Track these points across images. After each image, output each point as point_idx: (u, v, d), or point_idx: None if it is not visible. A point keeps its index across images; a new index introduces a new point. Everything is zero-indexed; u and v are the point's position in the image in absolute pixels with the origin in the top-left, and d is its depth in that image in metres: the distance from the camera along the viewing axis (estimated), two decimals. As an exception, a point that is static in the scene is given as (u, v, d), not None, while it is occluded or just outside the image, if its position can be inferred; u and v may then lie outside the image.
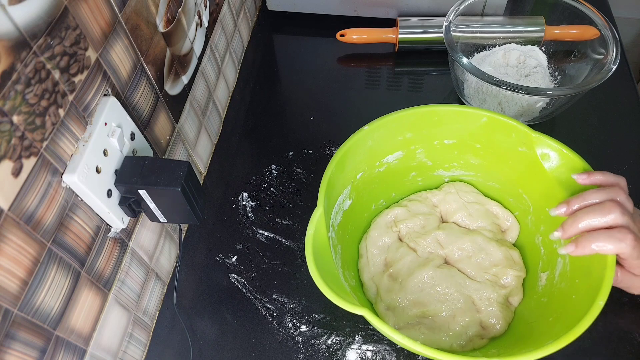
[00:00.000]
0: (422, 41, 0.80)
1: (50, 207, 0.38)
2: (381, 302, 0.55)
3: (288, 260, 0.62)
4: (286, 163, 0.70)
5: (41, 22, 0.36)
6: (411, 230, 0.59)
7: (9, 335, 0.35)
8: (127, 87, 0.48)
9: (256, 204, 0.67)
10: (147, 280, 0.55)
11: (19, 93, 0.34)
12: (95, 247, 0.45)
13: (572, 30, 0.72)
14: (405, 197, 0.63)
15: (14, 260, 0.35)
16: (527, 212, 0.58)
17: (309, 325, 0.57)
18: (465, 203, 0.60)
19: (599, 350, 0.54)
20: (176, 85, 0.59)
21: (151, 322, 0.58)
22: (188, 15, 0.60)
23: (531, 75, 0.71)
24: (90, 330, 0.45)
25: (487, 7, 0.75)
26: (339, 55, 0.83)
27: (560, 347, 0.40)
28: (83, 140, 0.41)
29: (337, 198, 0.54)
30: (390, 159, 0.59)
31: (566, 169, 0.51)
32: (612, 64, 0.62)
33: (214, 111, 0.72)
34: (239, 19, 0.81)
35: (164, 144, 0.57)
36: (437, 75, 0.80)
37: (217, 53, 0.71)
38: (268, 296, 0.59)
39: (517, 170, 0.56)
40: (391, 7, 0.82)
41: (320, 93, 0.79)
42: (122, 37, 0.46)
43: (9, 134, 0.34)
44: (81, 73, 0.41)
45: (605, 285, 0.42)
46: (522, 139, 0.53)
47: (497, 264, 0.55)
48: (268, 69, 0.83)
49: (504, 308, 0.53)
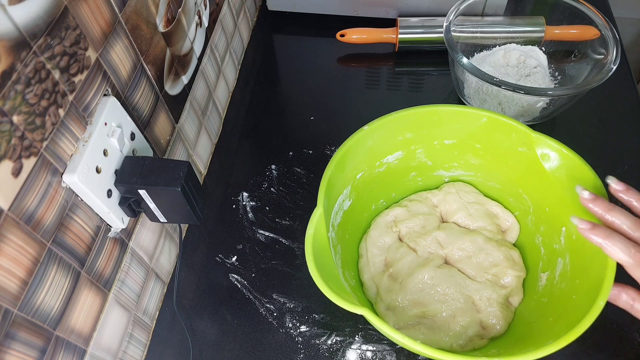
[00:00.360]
0: (422, 41, 0.80)
1: (50, 207, 0.38)
2: (381, 302, 0.55)
3: (288, 260, 0.62)
4: (286, 163, 0.70)
5: (41, 22, 0.36)
6: (411, 231, 0.59)
7: (9, 335, 0.35)
8: (127, 87, 0.48)
9: (256, 204, 0.67)
10: (147, 280, 0.55)
11: (19, 93, 0.34)
12: (95, 247, 0.45)
13: (572, 30, 0.72)
14: (405, 197, 0.63)
15: (14, 260, 0.35)
16: (527, 212, 0.58)
17: (309, 325, 0.57)
18: (465, 203, 0.60)
19: (599, 350, 0.54)
20: (176, 85, 0.59)
21: (151, 322, 0.58)
22: (188, 15, 0.60)
23: (531, 75, 0.71)
24: (90, 330, 0.45)
25: (487, 7, 0.75)
26: (339, 55, 0.83)
27: (560, 347, 0.40)
28: (83, 140, 0.41)
29: (337, 198, 0.54)
30: (390, 159, 0.59)
31: (566, 169, 0.51)
32: (612, 64, 0.62)
33: (214, 111, 0.72)
34: (239, 19, 0.81)
35: (164, 144, 0.57)
36: (437, 75, 0.80)
37: (217, 53, 0.71)
38: (268, 296, 0.59)
39: (517, 170, 0.56)
40: (391, 7, 0.82)
41: (320, 93, 0.79)
42: (122, 37, 0.46)
43: (9, 134, 0.34)
44: (81, 73, 0.41)
45: (605, 286, 0.42)
46: (522, 139, 0.53)
47: (497, 264, 0.55)
48: (268, 69, 0.83)
49: (504, 308, 0.53)
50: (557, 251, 0.52)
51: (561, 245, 0.52)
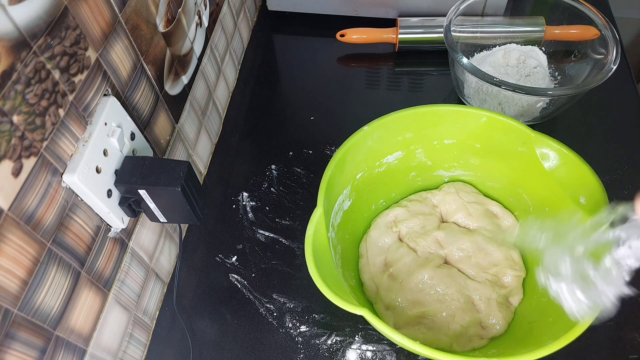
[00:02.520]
0: (422, 41, 0.80)
1: (50, 207, 0.38)
2: (381, 302, 0.55)
3: (288, 260, 0.62)
4: (286, 163, 0.70)
5: (41, 22, 0.36)
6: (411, 231, 0.59)
7: (9, 335, 0.35)
8: (127, 87, 0.48)
9: (256, 204, 0.67)
10: (147, 280, 0.55)
11: (19, 93, 0.34)
12: (95, 247, 0.45)
13: (572, 30, 0.72)
14: (405, 197, 0.63)
15: (14, 260, 0.35)
16: (527, 212, 0.58)
17: (309, 325, 0.57)
18: (465, 203, 0.60)
19: (599, 350, 0.54)
20: (176, 85, 0.59)
21: (151, 322, 0.58)
22: (188, 15, 0.60)
23: (531, 75, 0.71)
24: (90, 330, 0.45)
25: (487, 7, 0.76)
26: (339, 55, 0.83)
27: (560, 347, 0.40)
28: (83, 140, 0.41)
29: (337, 198, 0.54)
30: (390, 159, 0.59)
31: (566, 169, 0.51)
32: (612, 64, 0.62)
33: (214, 111, 0.72)
34: (239, 19, 0.81)
35: (164, 144, 0.57)
36: (437, 75, 0.80)
37: (217, 53, 0.71)
38: (268, 296, 0.59)
39: (517, 170, 0.56)
40: (391, 7, 0.82)
41: (320, 93, 0.79)
42: (122, 37, 0.46)
43: (9, 134, 0.34)
44: (81, 73, 0.41)
45: (605, 285, 0.42)
46: (522, 139, 0.53)
47: (497, 264, 0.56)
48: (268, 69, 0.83)
49: (504, 308, 0.53)
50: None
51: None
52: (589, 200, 0.49)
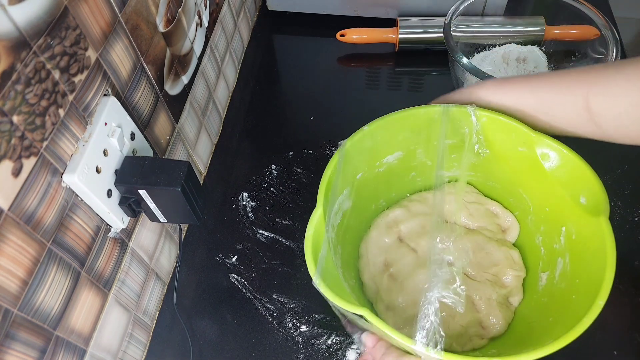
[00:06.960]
0: (422, 41, 0.80)
1: (50, 207, 0.38)
2: (381, 302, 0.55)
3: (288, 260, 0.62)
4: (286, 163, 0.70)
5: (41, 22, 0.36)
6: (411, 231, 0.59)
7: (9, 335, 0.35)
8: (127, 87, 0.48)
9: (256, 204, 0.67)
10: (147, 280, 0.55)
11: (19, 93, 0.34)
12: (95, 247, 0.45)
13: (572, 30, 0.72)
14: (405, 197, 0.63)
15: (14, 260, 0.35)
16: (527, 212, 0.58)
17: (309, 325, 0.57)
18: (465, 203, 0.60)
19: (599, 350, 0.54)
20: (176, 85, 0.59)
21: (151, 322, 0.58)
22: (188, 15, 0.60)
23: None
24: (90, 330, 0.45)
25: (487, 7, 0.75)
26: (339, 55, 0.83)
27: (560, 347, 0.40)
28: (83, 140, 0.41)
29: (337, 198, 0.54)
30: (390, 159, 0.59)
31: (566, 169, 0.51)
32: (612, 64, 0.62)
33: (214, 111, 0.72)
34: (239, 19, 0.81)
35: (164, 144, 0.57)
36: (437, 75, 0.80)
37: (217, 53, 0.71)
38: (268, 296, 0.59)
39: (517, 170, 0.56)
40: (391, 7, 0.82)
41: (320, 93, 0.79)
42: (122, 37, 0.46)
43: (9, 134, 0.34)
44: (81, 73, 0.41)
45: (605, 285, 0.42)
46: (522, 138, 0.53)
47: (497, 264, 0.55)
48: (268, 69, 0.83)
49: (504, 308, 0.53)
50: (557, 251, 0.52)
51: (561, 245, 0.52)
52: (589, 200, 0.49)
